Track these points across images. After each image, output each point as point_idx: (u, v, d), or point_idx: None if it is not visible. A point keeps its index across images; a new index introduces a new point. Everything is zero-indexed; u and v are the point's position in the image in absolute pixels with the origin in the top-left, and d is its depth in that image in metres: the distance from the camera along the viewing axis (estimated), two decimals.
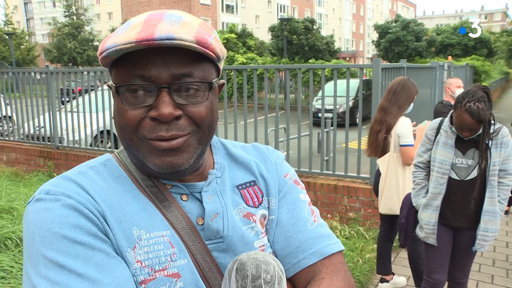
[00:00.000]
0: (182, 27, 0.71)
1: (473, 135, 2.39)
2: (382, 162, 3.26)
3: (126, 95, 0.72)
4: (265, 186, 0.89)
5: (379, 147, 3.23)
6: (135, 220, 0.74)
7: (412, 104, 3.24)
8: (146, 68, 0.70)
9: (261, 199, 0.87)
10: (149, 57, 0.70)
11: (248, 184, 0.88)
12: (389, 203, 3.23)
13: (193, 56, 0.72)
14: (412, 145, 3.09)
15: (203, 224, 0.79)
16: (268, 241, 0.86)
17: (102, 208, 0.72)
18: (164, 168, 0.74)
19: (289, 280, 0.84)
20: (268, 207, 0.88)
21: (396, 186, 3.20)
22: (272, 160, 0.93)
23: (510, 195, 2.55)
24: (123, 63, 0.71)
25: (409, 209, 2.79)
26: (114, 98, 0.75)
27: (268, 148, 0.96)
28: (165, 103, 0.70)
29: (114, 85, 0.73)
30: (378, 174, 3.40)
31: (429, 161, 2.63)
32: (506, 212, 5.35)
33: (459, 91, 4.46)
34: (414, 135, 3.22)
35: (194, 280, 0.75)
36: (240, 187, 0.86)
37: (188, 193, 0.80)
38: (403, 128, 3.11)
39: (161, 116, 0.70)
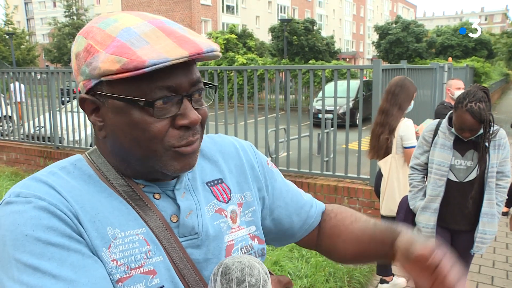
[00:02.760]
0: (198, 36, 0.74)
1: (473, 135, 2.39)
2: (384, 164, 3.26)
3: (154, 110, 0.71)
4: (236, 183, 0.92)
5: (381, 149, 3.23)
6: (108, 219, 0.73)
7: (412, 102, 3.24)
8: (170, 78, 0.71)
9: (229, 195, 0.89)
10: (168, 67, 0.69)
11: (216, 182, 0.89)
12: (391, 205, 3.23)
13: (193, 62, 0.75)
14: (415, 146, 3.10)
15: (176, 221, 0.79)
16: (252, 233, 0.90)
17: (75, 209, 0.71)
18: (183, 170, 0.77)
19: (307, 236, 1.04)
20: (242, 202, 0.90)
21: (398, 187, 3.20)
22: (250, 152, 0.98)
23: (507, 197, 2.55)
24: (140, 75, 0.69)
25: (406, 212, 2.77)
26: (121, 111, 0.72)
27: (238, 141, 0.99)
28: (191, 110, 0.74)
29: (143, 99, 0.70)
30: (379, 176, 3.40)
31: (426, 163, 2.62)
32: (506, 214, 5.34)
33: (458, 93, 4.46)
34: (418, 136, 3.21)
35: (170, 277, 0.75)
36: (209, 184, 0.88)
37: (161, 191, 0.80)
38: (406, 130, 3.11)
39: (192, 123, 0.74)
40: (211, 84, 0.80)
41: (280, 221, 0.99)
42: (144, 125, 0.71)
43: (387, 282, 3.47)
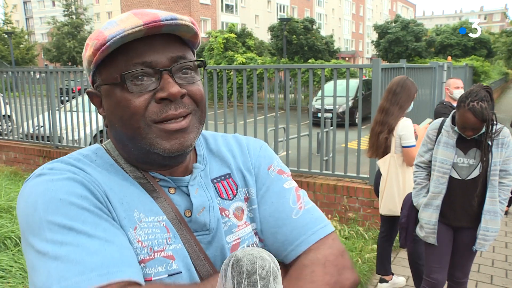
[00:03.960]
0: (169, 13, 0.77)
1: (476, 134, 2.40)
2: (383, 163, 3.26)
3: (129, 85, 0.74)
4: (242, 178, 0.91)
5: (380, 148, 3.23)
6: (134, 203, 0.77)
7: (412, 103, 3.24)
8: (145, 55, 0.74)
9: (235, 191, 0.89)
10: (145, 45, 0.74)
11: (223, 177, 0.89)
12: (390, 204, 3.23)
13: (180, 42, 0.79)
14: (414, 146, 3.09)
15: (190, 216, 0.81)
16: (255, 229, 0.89)
17: (104, 189, 0.75)
18: (174, 151, 0.77)
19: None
20: (248, 198, 0.90)
21: (397, 187, 3.20)
22: (254, 153, 0.95)
23: (510, 195, 2.56)
24: (116, 55, 0.74)
25: (410, 209, 2.79)
26: (109, 94, 0.77)
27: (248, 141, 0.97)
28: (171, 83, 0.75)
29: (117, 76, 0.74)
30: (378, 175, 3.40)
31: (430, 161, 2.64)
32: (506, 213, 5.36)
33: (457, 92, 4.47)
34: (416, 135, 3.22)
35: (186, 265, 0.78)
36: (214, 180, 0.88)
37: (176, 186, 0.83)
38: (405, 129, 3.11)
39: (171, 95, 0.74)
40: (197, 60, 0.81)
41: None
42: (124, 103, 0.74)
43: (387, 281, 3.47)
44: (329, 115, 6.05)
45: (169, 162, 0.81)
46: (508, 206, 5.40)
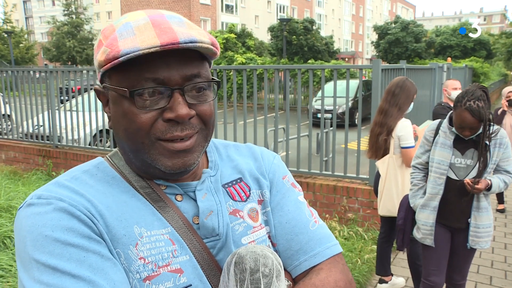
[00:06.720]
0: (191, 29, 0.73)
1: (473, 134, 2.41)
2: (382, 164, 3.26)
3: (137, 99, 0.71)
4: (255, 181, 0.90)
5: (380, 149, 3.23)
6: (134, 219, 0.74)
7: (412, 103, 3.24)
8: (158, 71, 0.71)
9: (248, 193, 0.88)
10: (159, 60, 0.71)
11: (234, 182, 0.88)
12: (389, 205, 3.23)
13: (197, 56, 0.75)
14: (413, 147, 3.09)
15: (198, 223, 0.79)
16: (269, 233, 0.87)
17: (99, 209, 0.72)
18: (176, 169, 0.75)
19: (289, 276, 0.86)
20: (262, 200, 0.88)
21: (395, 187, 3.20)
22: (268, 160, 0.94)
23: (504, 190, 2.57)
24: (128, 66, 0.71)
25: (407, 211, 2.79)
26: (116, 102, 0.74)
27: (262, 150, 0.97)
28: (180, 104, 0.72)
29: (126, 90, 0.71)
30: (378, 176, 3.40)
31: (427, 163, 2.64)
32: (503, 211, 5.37)
33: (454, 93, 4.47)
34: (416, 137, 3.21)
35: (198, 276, 0.75)
36: (226, 185, 0.87)
37: (183, 193, 0.81)
38: (404, 130, 3.11)
39: (179, 118, 0.72)
40: (212, 79, 0.78)
41: None
42: (131, 116, 0.73)
43: (386, 282, 3.47)
44: (329, 115, 6.06)
45: (170, 177, 0.79)
46: (502, 203, 5.43)
